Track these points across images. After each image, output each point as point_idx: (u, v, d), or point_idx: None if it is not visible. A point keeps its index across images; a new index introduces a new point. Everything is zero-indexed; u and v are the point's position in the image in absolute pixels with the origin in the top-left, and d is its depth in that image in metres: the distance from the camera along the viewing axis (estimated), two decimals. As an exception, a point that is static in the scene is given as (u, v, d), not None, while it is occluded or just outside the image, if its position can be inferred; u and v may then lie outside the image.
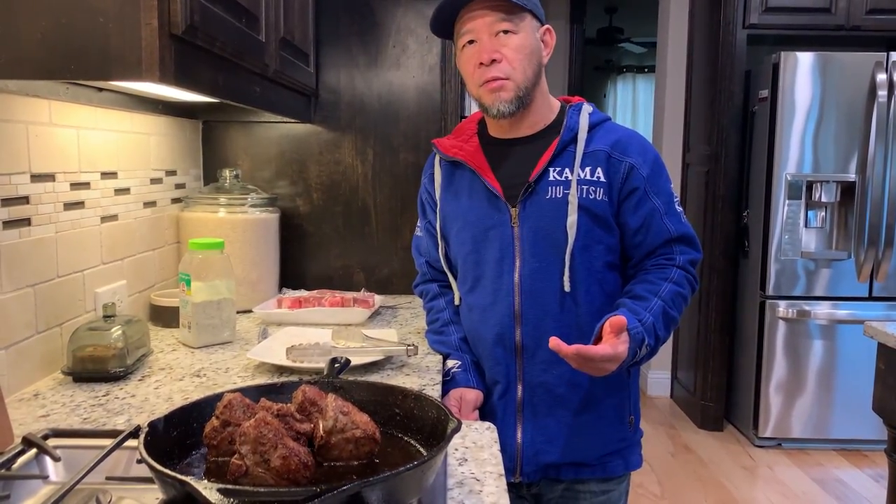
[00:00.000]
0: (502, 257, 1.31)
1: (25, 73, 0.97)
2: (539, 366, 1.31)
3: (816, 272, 3.41)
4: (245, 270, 1.84)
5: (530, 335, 1.31)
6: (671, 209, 1.32)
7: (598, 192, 1.28)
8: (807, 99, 3.32)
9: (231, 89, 1.29)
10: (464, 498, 0.86)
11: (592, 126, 1.32)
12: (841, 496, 3.00)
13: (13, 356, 1.20)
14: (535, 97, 1.31)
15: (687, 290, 1.31)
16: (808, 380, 3.45)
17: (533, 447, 1.33)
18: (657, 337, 1.23)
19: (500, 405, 1.36)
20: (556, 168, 1.29)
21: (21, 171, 1.22)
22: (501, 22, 1.24)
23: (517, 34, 1.25)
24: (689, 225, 1.34)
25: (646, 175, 1.29)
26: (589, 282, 1.29)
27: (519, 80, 1.26)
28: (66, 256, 1.36)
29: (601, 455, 1.34)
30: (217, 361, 1.41)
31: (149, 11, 0.94)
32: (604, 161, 1.29)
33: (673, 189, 1.34)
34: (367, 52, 2.04)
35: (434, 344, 1.46)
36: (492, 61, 1.25)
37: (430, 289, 1.52)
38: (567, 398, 1.31)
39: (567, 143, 1.30)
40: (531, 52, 1.27)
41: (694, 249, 1.33)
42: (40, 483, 0.90)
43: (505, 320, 1.32)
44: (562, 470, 1.34)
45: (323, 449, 0.80)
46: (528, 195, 1.29)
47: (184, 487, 0.64)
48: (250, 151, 2.09)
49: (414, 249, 1.56)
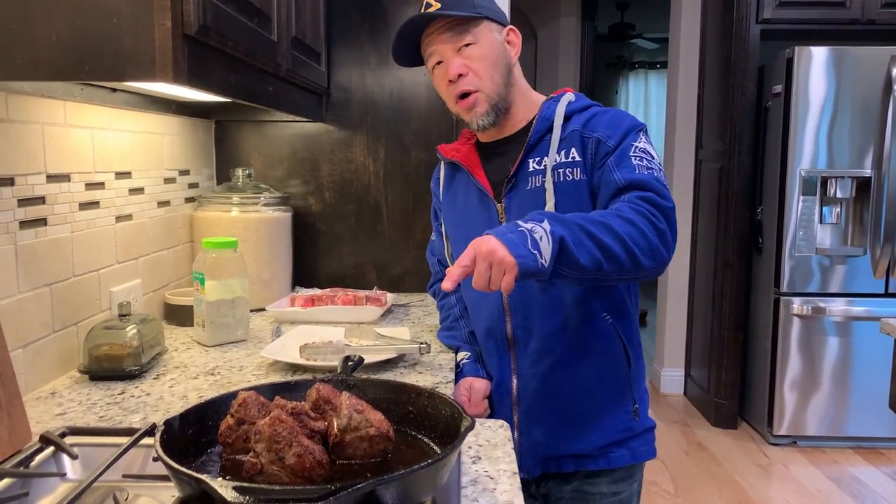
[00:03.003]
0: None
1: (41, 75, 0.98)
2: (530, 357, 1.31)
3: (831, 268, 3.38)
4: (258, 269, 1.84)
5: (521, 327, 1.31)
6: (624, 161, 1.19)
7: (575, 173, 1.25)
8: (821, 94, 3.29)
9: (243, 89, 1.29)
10: (478, 496, 0.86)
11: (571, 113, 1.30)
12: (857, 494, 2.98)
13: (30, 355, 1.22)
14: (512, 99, 1.32)
15: (632, 215, 1.10)
16: (823, 377, 3.42)
17: (530, 439, 1.32)
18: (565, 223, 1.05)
19: (496, 398, 1.36)
20: (534, 158, 1.29)
21: (37, 171, 1.23)
22: (460, 37, 1.26)
23: (477, 44, 1.26)
24: (647, 174, 1.17)
25: (613, 144, 1.23)
26: None
27: (489, 89, 1.27)
28: (81, 256, 1.37)
29: (602, 446, 1.31)
30: (231, 360, 1.42)
31: (162, 12, 0.94)
32: (578, 141, 1.27)
33: (639, 147, 1.21)
34: (378, 50, 2.04)
35: (445, 339, 1.49)
36: (459, 76, 1.27)
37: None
38: (562, 389, 1.30)
39: (543, 132, 1.30)
40: (496, 59, 1.28)
41: (649, 192, 1.15)
42: (58, 480, 0.91)
43: (495, 314, 1.33)
44: (563, 463, 1.32)
45: (337, 447, 0.80)
46: (511, 189, 1.30)
47: (200, 485, 0.64)
48: (263, 151, 2.09)
49: (428, 251, 1.61)
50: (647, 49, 7.60)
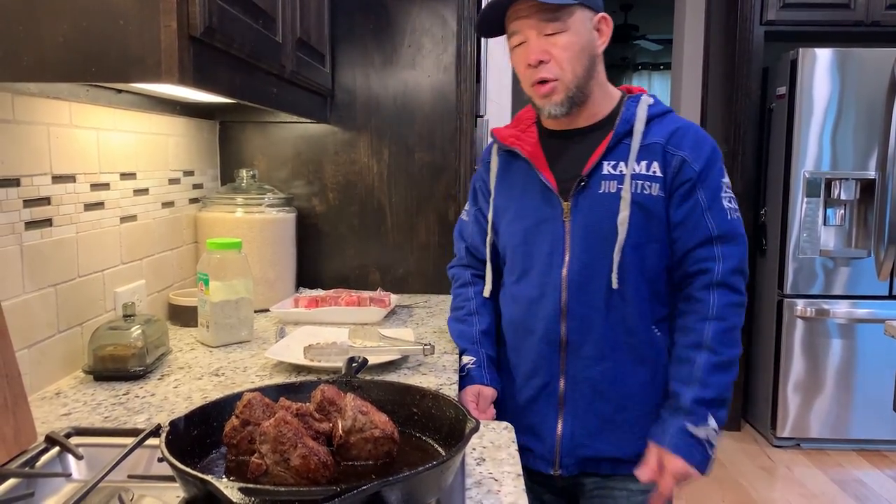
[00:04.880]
0: (552, 251, 1.30)
1: (47, 76, 0.98)
2: (583, 361, 1.30)
3: (835, 270, 3.37)
4: (262, 270, 1.85)
5: (576, 331, 1.29)
6: (717, 204, 1.26)
7: (653, 188, 1.24)
8: (825, 96, 3.29)
9: (248, 90, 1.29)
10: (482, 497, 0.86)
11: (651, 118, 1.28)
12: (861, 497, 2.97)
13: (35, 355, 1.22)
14: (590, 90, 1.27)
15: (735, 317, 1.26)
16: (826, 379, 3.41)
17: (573, 440, 1.32)
18: (718, 400, 1.22)
19: (542, 398, 1.34)
20: (610, 162, 1.26)
21: (42, 172, 1.24)
22: (548, 23, 1.21)
23: (565, 32, 1.21)
24: (737, 222, 1.27)
25: (698, 169, 1.25)
26: (640, 280, 1.27)
27: (568, 79, 1.23)
28: (86, 256, 1.38)
29: (639, 452, 1.30)
30: (235, 360, 1.42)
31: (167, 14, 0.95)
32: (660, 154, 1.25)
33: (726, 184, 1.28)
34: (382, 51, 2.05)
35: (453, 333, 1.46)
36: (539, 63, 1.22)
37: (462, 275, 1.51)
38: (609, 394, 1.30)
39: (622, 135, 1.27)
40: (581, 48, 1.23)
41: (737, 248, 1.27)
42: (63, 481, 0.91)
43: (551, 315, 1.30)
44: (601, 464, 1.33)
45: (342, 448, 0.80)
46: (581, 190, 1.27)
47: (205, 486, 0.64)
48: (267, 152, 2.10)
49: (456, 232, 1.55)
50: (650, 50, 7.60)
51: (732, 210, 1.28)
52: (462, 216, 1.52)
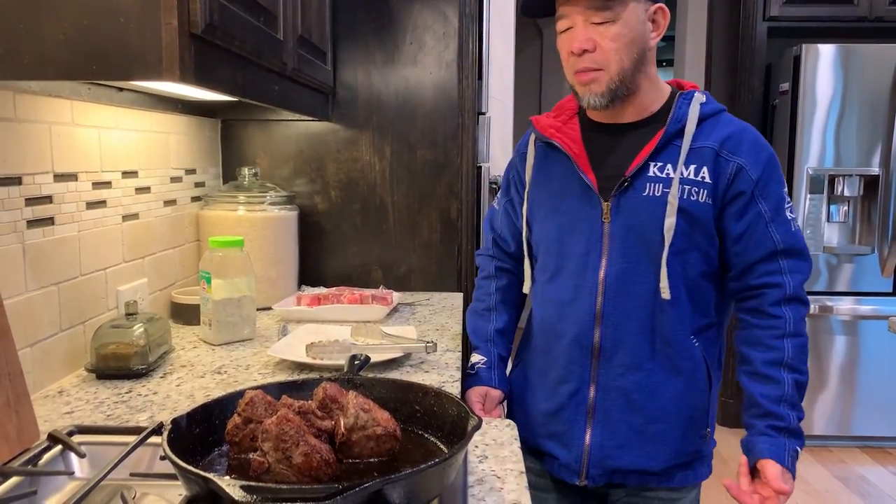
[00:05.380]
0: (588, 252, 1.24)
1: (48, 74, 0.98)
2: (616, 369, 1.23)
3: (839, 267, 3.37)
4: (264, 268, 1.85)
5: (610, 337, 1.23)
6: (780, 216, 1.20)
7: (700, 194, 1.18)
8: (829, 92, 3.28)
9: (250, 88, 1.29)
10: (485, 495, 0.85)
11: (703, 118, 1.21)
12: (864, 493, 2.97)
13: (38, 353, 1.22)
14: (638, 84, 1.21)
15: (805, 331, 1.21)
16: (830, 376, 3.40)
17: (601, 451, 1.26)
18: (799, 415, 1.20)
19: (571, 406, 1.28)
20: (657, 163, 1.20)
21: (44, 170, 1.24)
22: (600, 12, 1.15)
23: (616, 22, 1.15)
24: (800, 235, 1.21)
25: (755, 178, 1.18)
26: (680, 289, 1.20)
27: (613, 71, 1.17)
28: (88, 255, 1.38)
29: (670, 465, 1.26)
30: (238, 358, 1.42)
31: (168, 11, 0.94)
32: (711, 160, 1.18)
33: (786, 193, 1.22)
34: (384, 49, 2.04)
35: (469, 327, 1.43)
36: (583, 52, 1.16)
37: (487, 266, 1.47)
38: (642, 405, 1.23)
39: (672, 136, 1.20)
40: (631, 41, 1.16)
41: (804, 264, 1.21)
42: (66, 479, 0.91)
43: (585, 319, 1.24)
44: (628, 476, 1.27)
45: (344, 446, 0.80)
46: (624, 190, 1.20)
47: (207, 484, 0.64)
48: (269, 150, 2.10)
49: (486, 220, 1.50)
50: (652, 47, 7.58)
51: (794, 222, 1.22)
52: (493, 204, 1.47)
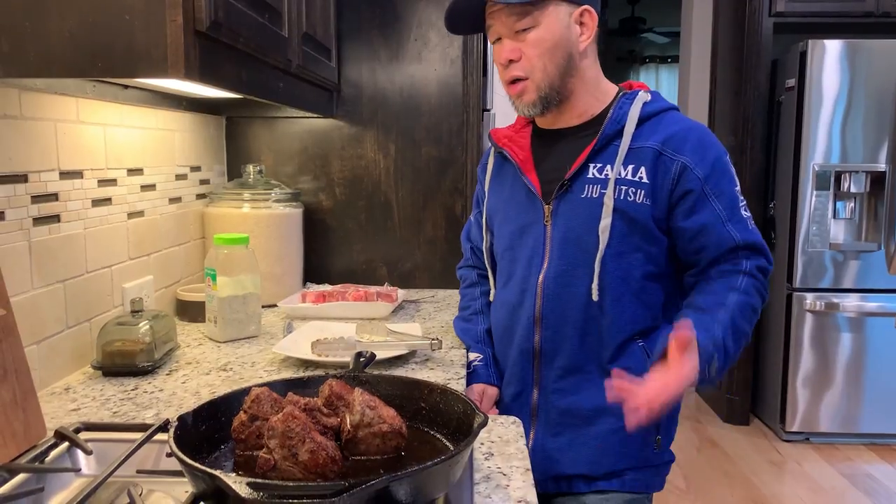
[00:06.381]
0: (532, 256, 1.26)
1: (54, 72, 0.98)
2: (556, 371, 1.25)
3: (845, 264, 3.35)
4: (269, 265, 1.85)
5: (549, 340, 1.24)
6: (735, 214, 1.19)
7: (638, 195, 1.17)
8: (835, 88, 3.26)
9: (254, 85, 1.29)
10: (490, 492, 0.85)
11: (646, 118, 1.21)
12: (871, 491, 2.96)
13: (44, 350, 1.22)
14: (570, 89, 1.22)
15: (757, 301, 1.19)
16: (836, 373, 3.39)
17: (543, 454, 1.26)
18: (727, 353, 1.12)
19: (515, 408, 1.30)
20: (596, 164, 1.20)
21: (50, 168, 1.24)
22: (518, 19, 1.17)
23: (535, 28, 1.17)
24: (757, 232, 1.22)
25: (702, 176, 1.17)
26: (621, 291, 1.20)
27: (538, 78, 1.19)
28: (94, 252, 1.38)
29: (613, 470, 1.24)
30: (243, 356, 1.42)
31: (174, 8, 0.94)
32: (650, 160, 1.18)
33: (739, 192, 1.22)
34: (388, 45, 2.04)
35: (459, 332, 1.45)
36: (509, 62, 1.20)
37: (469, 275, 1.50)
38: (583, 408, 1.24)
39: (611, 136, 1.20)
40: (554, 45, 1.18)
41: (764, 258, 1.21)
42: (72, 476, 0.91)
43: (527, 322, 1.26)
44: (574, 483, 1.26)
45: (350, 443, 0.80)
46: (564, 193, 1.22)
47: (213, 481, 0.64)
48: (273, 147, 2.10)
49: (464, 233, 1.54)
50: (658, 43, 7.55)
51: (750, 220, 1.22)
52: (470, 217, 1.52)
